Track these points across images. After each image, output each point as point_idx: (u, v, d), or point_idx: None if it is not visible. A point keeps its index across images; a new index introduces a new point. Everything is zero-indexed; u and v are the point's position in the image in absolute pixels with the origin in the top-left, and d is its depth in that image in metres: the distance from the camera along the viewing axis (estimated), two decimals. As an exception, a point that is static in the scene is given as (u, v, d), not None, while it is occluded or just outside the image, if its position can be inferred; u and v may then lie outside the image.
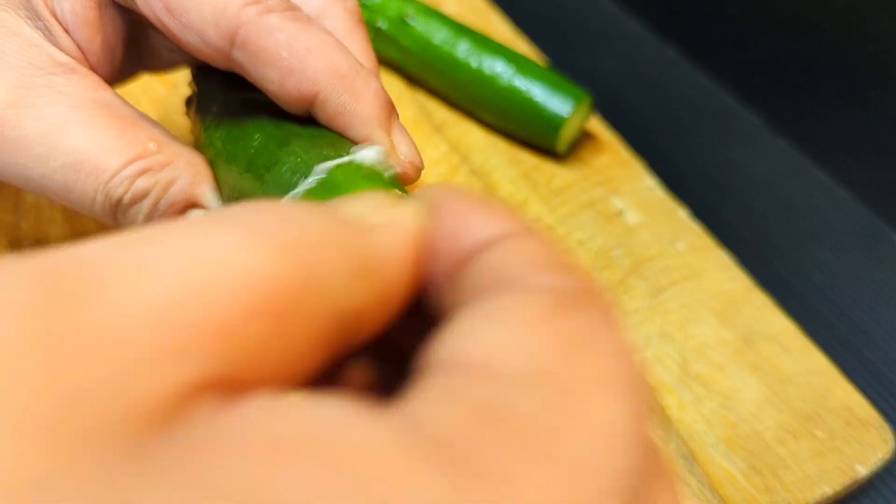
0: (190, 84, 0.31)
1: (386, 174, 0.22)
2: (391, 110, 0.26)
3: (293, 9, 0.25)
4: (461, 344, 0.11)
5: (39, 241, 0.34)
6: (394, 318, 0.14)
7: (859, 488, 0.31)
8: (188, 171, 0.25)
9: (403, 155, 0.26)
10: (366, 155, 0.21)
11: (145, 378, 0.10)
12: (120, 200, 0.24)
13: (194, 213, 0.26)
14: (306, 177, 0.23)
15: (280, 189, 0.23)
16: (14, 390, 0.09)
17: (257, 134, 0.26)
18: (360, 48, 0.28)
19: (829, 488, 0.29)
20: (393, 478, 0.09)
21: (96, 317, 0.10)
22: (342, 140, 0.25)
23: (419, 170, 0.27)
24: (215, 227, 0.11)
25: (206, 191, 0.26)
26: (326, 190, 0.21)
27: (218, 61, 0.25)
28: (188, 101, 0.31)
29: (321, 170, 0.20)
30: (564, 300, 0.11)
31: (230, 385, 0.10)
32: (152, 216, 0.25)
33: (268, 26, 0.24)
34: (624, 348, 0.11)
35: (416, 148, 0.27)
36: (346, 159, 0.21)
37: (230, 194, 0.25)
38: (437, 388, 0.10)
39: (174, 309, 0.10)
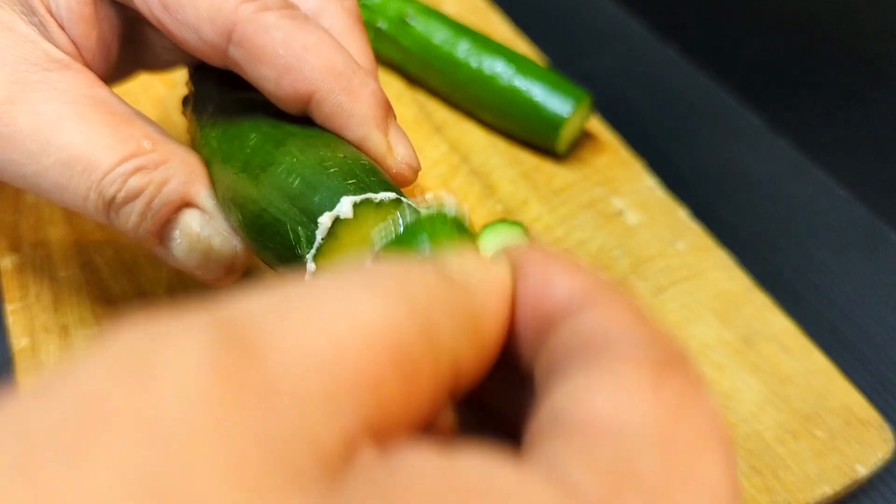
0: (187, 83, 0.31)
1: (465, 223, 0.22)
2: (388, 110, 0.26)
3: (290, 7, 0.25)
4: (572, 409, 0.12)
5: (39, 241, 0.34)
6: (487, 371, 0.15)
7: (859, 488, 0.31)
8: (183, 171, 0.25)
9: (400, 156, 0.26)
10: (450, 205, 0.21)
11: (321, 422, 0.10)
12: (113, 199, 0.24)
13: (188, 214, 0.25)
14: (302, 177, 0.23)
15: (275, 190, 0.23)
16: (219, 436, 0.10)
17: (253, 133, 0.25)
18: (358, 47, 0.28)
19: (829, 488, 0.29)
20: None
21: (272, 368, 0.11)
22: (338, 140, 0.25)
23: (416, 171, 0.27)
24: (356, 284, 0.12)
25: (200, 190, 0.25)
26: (418, 231, 0.21)
27: (214, 59, 0.25)
28: (185, 101, 0.31)
29: (410, 216, 0.20)
30: (663, 366, 0.13)
31: (383, 435, 0.11)
32: (145, 215, 0.25)
33: (264, 24, 0.24)
34: (714, 407, 0.13)
35: (412, 149, 0.27)
36: (433, 210, 0.21)
37: (225, 194, 0.25)
38: (569, 446, 0.12)
39: (332, 362, 0.11)
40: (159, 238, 0.26)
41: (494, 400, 0.16)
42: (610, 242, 0.37)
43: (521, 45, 0.46)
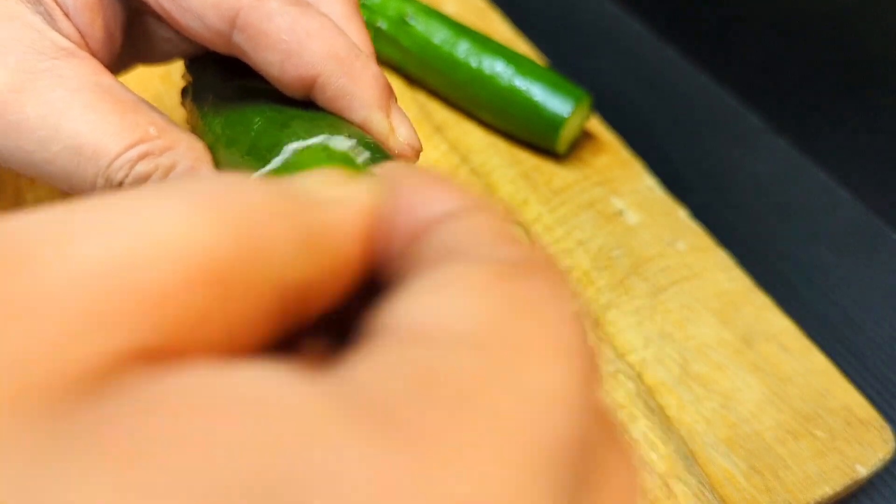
0: (184, 75, 0.32)
1: (359, 159, 0.22)
2: (390, 92, 0.27)
3: None
4: (405, 311, 0.11)
5: (39, 241, 0.34)
6: (348, 292, 0.14)
7: (859, 488, 0.31)
8: (189, 156, 0.25)
9: (403, 137, 0.27)
10: (338, 140, 0.21)
11: (72, 345, 0.09)
12: (121, 184, 0.24)
13: None
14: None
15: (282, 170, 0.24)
16: None
17: (257, 118, 0.26)
18: (357, 33, 0.28)
19: (830, 488, 0.29)
20: (315, 439, 0.09)
21: (26, 285, 0.10)
22: (342, 122, 0.26)
23: (418, 152, 0.27)
24: (156, 197, 0.11)
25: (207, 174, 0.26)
26: (289, 169, 0.21)
27: (218, 45, 0.25)
28: (184, 92, 0.31)
29: (289, 150, 0.21)
30: (512, 268, 0.11)
31: (167, 356, 0.10)
32: None
33: (268, 10, 0.24)
34: (571, 315, 0.11)
35: (414, 130, 0.27)
36: (316, 141, 0.21)
37: None
38: (376, 353, 0.10)
39: (107, 277, 0.10)
40: None
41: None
42: (610, 242, 0.37)
43: (521, 45, 0.46)
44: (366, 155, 0.22)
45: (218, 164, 0.26)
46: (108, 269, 0.10)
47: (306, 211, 0.12)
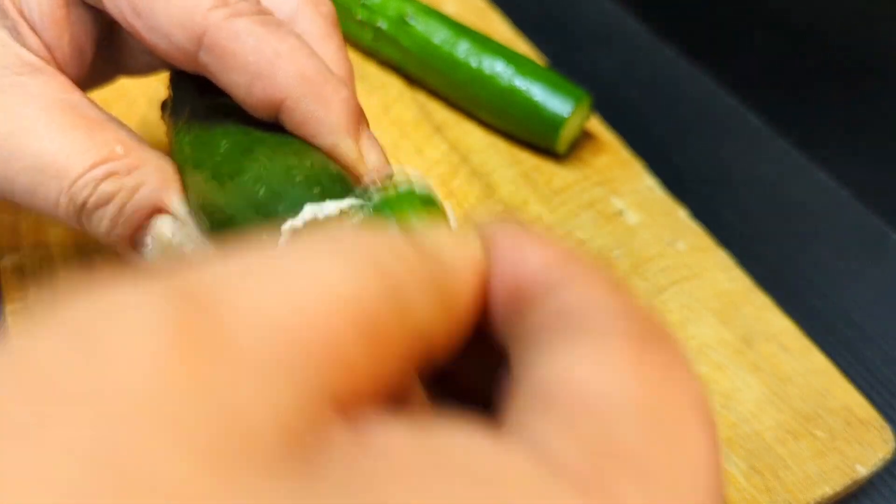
0: (167, 87, 0.31)
1: (434, 199, 0.22)
2: (360, 118, 0.26)
3: (263, 12, 0.25)
4: (553, 383, 0.12)
5: (39, 241, 0.34)
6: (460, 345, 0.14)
7: (859, 488, 0.31)
8: (155, 176, 0.25)
9: (371, 164, 0.26)
10: (419, 182, 0.21)
11: (283, 391, 0.10)
12: (84, 204, 0.24)
13: (160, 221, 0.25)
14: (267, 186, 0.23)
15: (242, 198, 0.23)
16: (175, 408, 0.09)
17: (224, 140, 0.25)
18: (333, 53, 0.28)
19: (830, 488, 0.29)
20: (537, 498, 0.10)
21: (230, 333, 0.10)
22: (308, 148, 0.25)
23: (388, 179, 0.27)
24: (314, 249, 0.12)
25: (173, 196, 0.25)
26: (387, 210, 0.21)
27: (185, 64, 0.25)
28: (163, 105, 0.31)
29: (377, 196, 0.20)
30: (645, 340, 0.13)
31: (343, 405, 0.11)
32: (117, 221, 0.25)
33: (235, 30, 0.24)
34: (696, 379, 0.13)
35: (385, 157, 0.26)
36: (402, 188, 0.20)
37: (196, 201, 0.25)
38: (550, 419, 0.11)
39: (294, 326, 0.11)
40: (132, 243, 0.26)
41: (468, 376, 0.16)
42: (610, 242, 0.37)
43: (521, 45, 0.46)
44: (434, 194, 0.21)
45: (185, 185, 0.26)
46: (294, 320, 0.11)
47: (439, 264, 0.13)
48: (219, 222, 0.24)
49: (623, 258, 0.36)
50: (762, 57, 0.49)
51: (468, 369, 0.16)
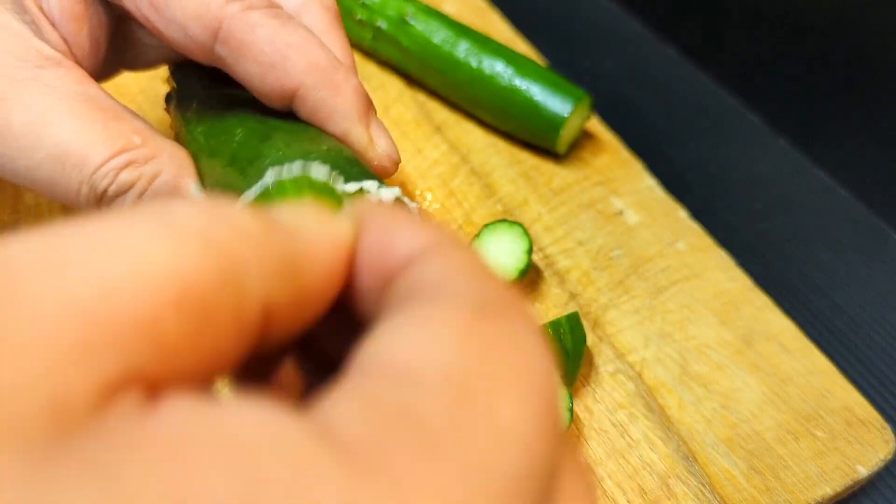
0: (168, 81, 0.32)
1: (338, 190, 0.22)
2: (369, 105, 0.27)
3: (274, 6, 0.26)
4: (381, 348, 0.11)
5: (39, 241, 0.34)
6: (319, 321, 0.14)
7: (860, 489, 0.31)
8: (172, 165, 0.26)
9: (381, 149, 0.27)
10: (316, 168, 0.21)
11: (63, 375, 0.10)
12: (105, 192, 0.25)
13: None
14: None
15: (260, 180, 0.24)
16: None
17: (239, 129, 0.26)
18: (338, 45, 0.29)
19: (830, 489, 0.29)
20: (295, 475, 0.09)
21: (17, 317, 0.10)
22: (322, 134, 0.26)
23: (397, 163, 0.28)
24: (140, 222, 0.11)
25: (189, 184, 0.26)
26: (270, 197, 0.21)
27: (200, 56, 0.26)
28: (167, 98, 0.32)
29: (269, 178, 0.21)
30: (482, 308, 0.12)
31: (151, 381, 0.10)
32: None
33: (250, 22, 0.25)
34: (536, 353, 0.12)
35: (393, 142, 0.28)
36: (295, 168, 0.21)
37: (214, 187, 0.26)
38: (351, 391, 0.11)
39: (95, 305, 0.10)
40: None
41: (338, 351, 0.15)
42: (610, 242, 0.37)
43: (521, 46, 0.46)
44: (341, 182, 0.22)
45: (201, 173, 0.26)
46: (95, 298, 0.10)
47: (287, 239, 0.13)
48: None
49: (623, 258, 0.36)
50: (762, 57, 0.49)
51: (337, 343, 0.15)
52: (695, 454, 0.30)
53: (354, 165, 0.24)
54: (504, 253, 0.34)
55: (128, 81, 0.41)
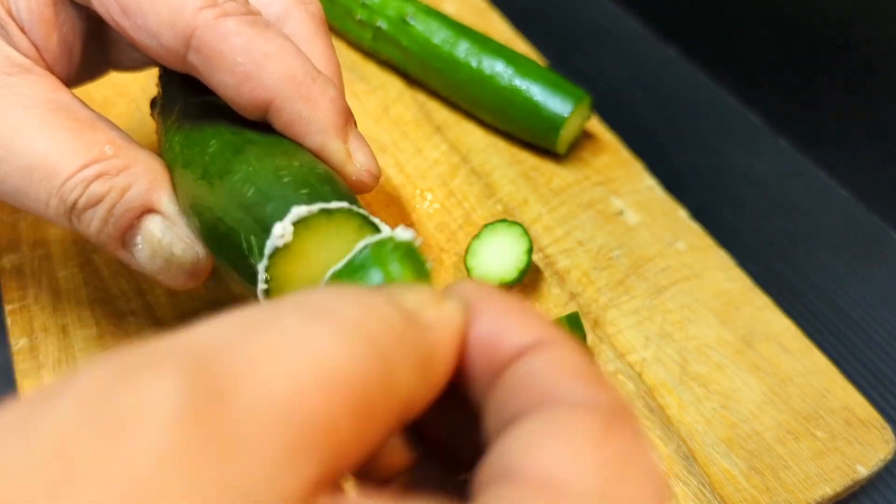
0: (157, 84, 0.31)
1: (418, 253, 0.22)
2: (348, 118, 0.26)
3: (251, 13, 0.25)
4: (520, 457, 0.12)
5: (38, 241, 0.34)
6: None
7: (860, 489, 0.31)
8: (145, 177, 0.25)
9: (360, 164, 0.26)
10: (403, 234, 0.21)
11: (285, 472, 0.10)
12: (74, 204, 0.24)
13: (150, 221, 0.25)
14: (256, 186, 0.22)
15: (230, 198, 0.23)
16: (189, 489, 0.10)
17: (214, 140, 0.25)
18: (321, 53, 0.28)
19: (830, 489, 0.29)
20: None
21: (239, 416, 0.10)
22: (297, 148, 0.25)
23: (377, 178, 0.27)
24: (309, 317, 0.12)
25: (163, 196, 0.25)
26: (363, 266, 0.21)
27: (174, 64, 0.25)
28: (153, 103, 0.31)
29: (359, 247, 0.20)
30: (608, 421, 0.13)
31: (332, 477, 0.11)
32: (107, 221, 0.25)
33: (224, 31, 0.24)
34: (656, 462, 0.13)
35: (373, 156, 0.27)
36: (385, 236, 0.20)
37: (186, 200, 0.25)
38: (503, 499, 0.12)
39: (296, 408, 0.11)
40: (122, 243, 0.26)
41: (446, 433, 0.16)
42: (610, 242, 0.37)
43: (521, 45, 0.46)
44: (420, 240, 0.21)
45: (175, 184, 0.26)
46: (295, 401, 0.11)
47: (423, 334, 0.14)
48: (208, 222, 0.24)
49: (623, 258, 0.36)
50: (762, 57, 0.49)
51: (448, 427, 0.16)
52: (695, 454, 0.30)
53: (326, 184, 0.23)
54: (504, 253, 0.33)
55: (127, 81, 0.41)
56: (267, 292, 0.21)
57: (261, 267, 0.21)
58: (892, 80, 0.41)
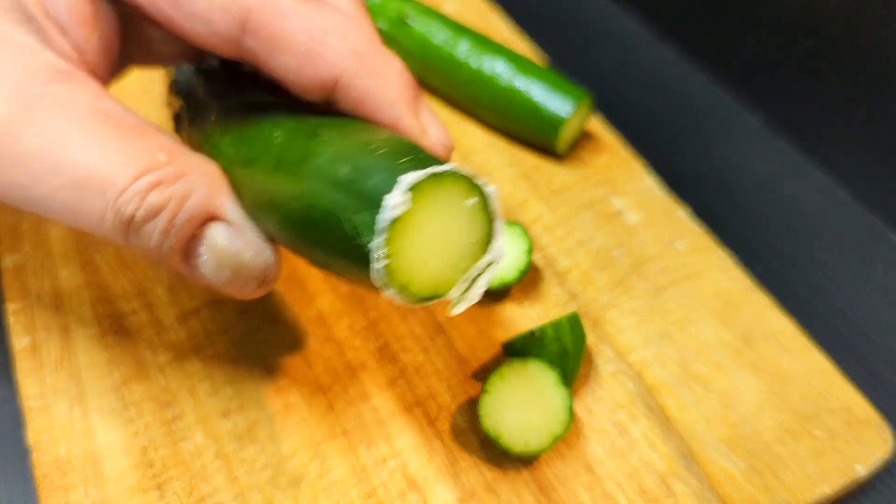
0: (169, 103, 0.30)
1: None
2: (417, 91, 0.25)
3: None
4: None
5: (40, 241, 0.34)
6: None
7: (859, 488, 0.31)
8: (204, 183, 0.23)
9: (434, 137, 0.25)
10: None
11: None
12: (132, 218, 0.22)
13: (214, 229, 0.23)
14: (351, 163, 0.21)
15: (320, 181, 0.21)
16: None
17: (277, 131, 0.24)
18: (369, 29, 0.26)
19: (829, 488, 0.29)
20: None
21: None
22: (370, 125, 0.24)
23: (450, 150, 0.26)
24: None
25: (225, 202, 0.24)
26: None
27: (226, 51, 0.24)
28: (177, 119, 0.30)
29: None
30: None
31: None
32: (168, 233, 0.23)
33: (281, 9, 0.23)
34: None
35: (445, 128, 0.25)
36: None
37: (256, 199, 0.24)
38: None
39: None
40: (184, 256, 0.24)
41: None
42: (610, 242, 0.37)
43: (521, 45, 0.46)
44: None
45: (236, 186, 0.24)
46: None
47: None
48: (295, 214, 0.22)
49: (623, 258, 0.36)
50: (762, 57, 0.49)
51: None
52: (695, 454, 0.30)
53: (421, 151, 0.22)
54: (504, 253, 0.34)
55: (129, 83, 0.41)
56: (385, 269, 0.20)
57: (375, 244, 0.20)
58: (892, 80, 0.41)
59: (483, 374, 0.31)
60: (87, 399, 0.30)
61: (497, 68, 0.40)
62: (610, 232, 0.37)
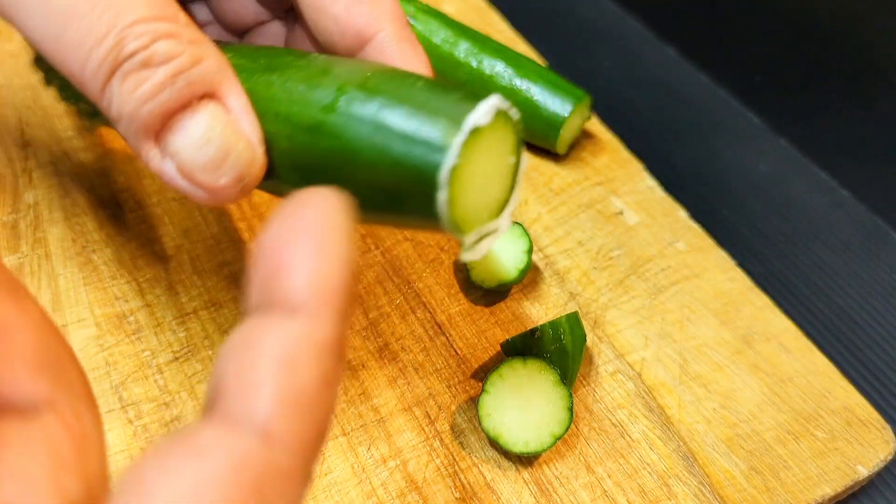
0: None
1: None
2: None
3: None
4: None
5: (38, 240, 0.34)
6: None
7: (860, 489, 0.31)
8: (216, 58, 0.21)
9: None
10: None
11: None
12: (130, 56, 0.19)
13: (209, 107, 0.21)
14: (401, 98, 0.19)
15: (362, 119, 0.19)
16: None
17: (289, 70, 0.22)
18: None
19: (830, 489, 0.29)
20: None
21: None
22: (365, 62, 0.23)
23: None
24: None
25: (232, 87, 0.21)
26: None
27: None
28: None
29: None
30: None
31: None
32: (160, 90, 0.20)
33: None
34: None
35: None
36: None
37: (270, 103, 0.22)
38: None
39: None
40: (159, 130, 0.21)
41: None
42: (610, 242, 0.37)
43: (521, 46, 0.46)
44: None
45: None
46: None
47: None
48: (325, 151, 0.20)
49: (623, 258, 0.36)
50: (762, 57, 0.49)
51: None
52: (695, 454, 0.29)
53: (467, 85, 0.22)
54: (504, 253, 0.33)
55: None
56: (447, 210, 0.19)
57: (442, 179, 0.18)
58: (892, 80, 0.41)
59: (483, 373, 0.31)
60: (86, 399, 0.30)
61: (497, 68, 0.40)
62: (610, 232, 0.37)
